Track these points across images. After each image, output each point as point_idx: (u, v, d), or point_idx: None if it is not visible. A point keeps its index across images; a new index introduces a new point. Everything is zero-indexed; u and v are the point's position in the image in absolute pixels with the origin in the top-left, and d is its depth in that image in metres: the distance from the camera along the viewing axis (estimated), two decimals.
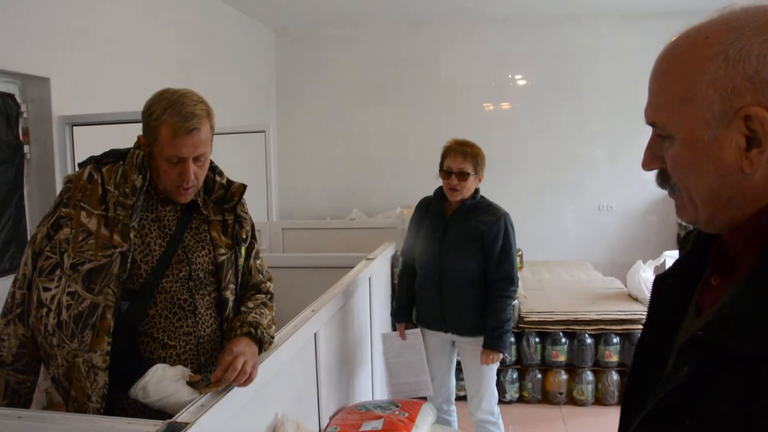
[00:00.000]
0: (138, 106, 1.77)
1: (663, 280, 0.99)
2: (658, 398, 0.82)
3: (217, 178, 1.91)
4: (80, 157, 2.22)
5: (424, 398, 3.23)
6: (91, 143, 3.09)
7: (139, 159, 1.73)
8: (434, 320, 3.18)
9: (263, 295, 1.99)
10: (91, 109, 3.59)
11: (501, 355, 3.07)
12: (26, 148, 3.44)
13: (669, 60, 0.84)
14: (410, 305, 3.32)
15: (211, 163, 1.87)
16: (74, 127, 3.48)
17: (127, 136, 1.82)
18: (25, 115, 3.42)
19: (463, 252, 3.06)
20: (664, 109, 0.84)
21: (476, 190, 3.12)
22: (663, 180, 0.91)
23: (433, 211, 3.18)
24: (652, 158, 0.90)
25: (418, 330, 3.26)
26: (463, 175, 3.01)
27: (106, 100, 3.76)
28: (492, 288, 3.06)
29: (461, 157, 3.02)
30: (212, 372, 1.74)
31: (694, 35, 0.81)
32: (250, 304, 1.91)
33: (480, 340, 3.09)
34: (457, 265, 3.06)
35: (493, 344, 3.02)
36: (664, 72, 0.85)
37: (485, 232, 3.03)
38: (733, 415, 0.72)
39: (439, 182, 3.20)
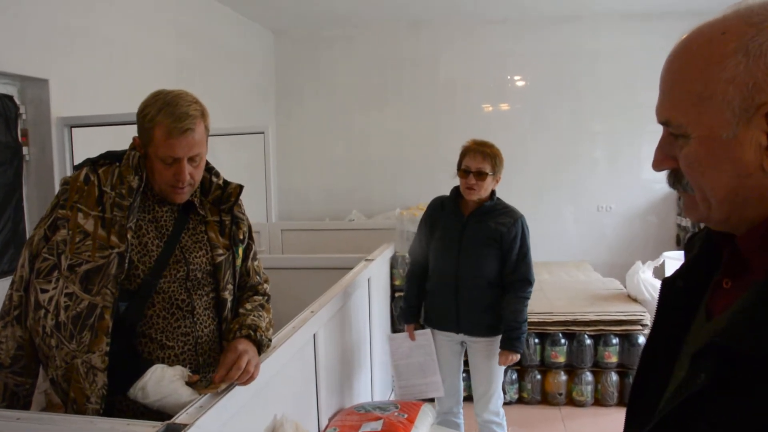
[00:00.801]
0: (137, 108, 1.77)
1: (671, 283, 0.98)
2: (673, 405, 0.80)
3: (214, 179, 1.91)
4: (79, 159, 2.22)
5: (433, 399, 3.22)
6: (90, 144, 3.09)
7: (135, 160, 1.74)
8: (447, 321, 3.16)
9: (261, 297, 1.99)
10: (90, 111, 3.60)
11: (518, 356, 3.07)
12: (25, 150, 3.44)
13: (684, 57, 0.82)
14: (419, 305, 3.30)
15: (207, 163, 1.87)
16: (73, 129, 3.49)
17: (126, 138, 1.83)
18: (24, 116, 3.43)
19: (481, 253, 3.05)
20: (679, 107, 0.82)
21: (493, 192, 3.12)
22: (675, 180, 0.88)
23: (448, 211, 3.16)
24: (664, 158, 0.88)
25: (428, 330, 3.24)
26: (480, 175, 3.00)
27: (104, 102, 3.76)
28: (509, 289, 3.06)
29: (480, 157, 3.01)
30: (211, 372, 1.74)
31: (710, 31, 0.80)
32: (248, 306, 1.91)
33: (492, 340, 3.10)
34: (475, 266, 3.06)
35: (511, 345, 3.02)
36: (679, 69, 0.82)
37: (504, 234, 3.03)
38: (748, 421, 0.71)
39: (449, 183, 3.19)
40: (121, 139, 2.01)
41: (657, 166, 0.90)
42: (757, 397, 0.70)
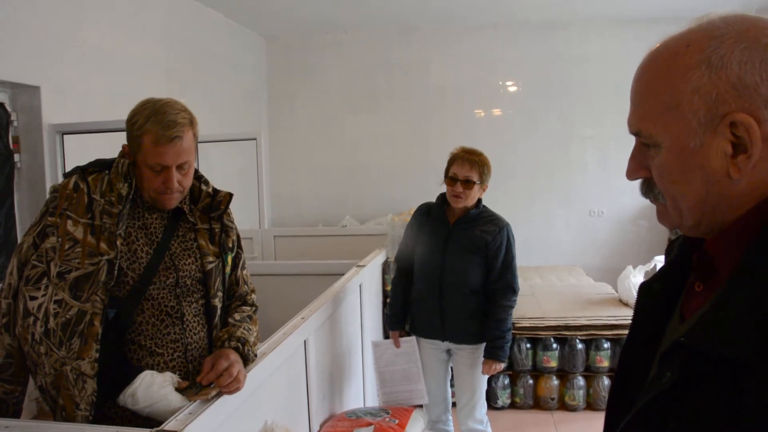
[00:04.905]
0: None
1: (648, 287, 1.00)
2: (642, 403, 0.83)
3: (203, 187, 1.92)
4: (70, 165, 2.23)
5: (421, 406, 3.22)
6: (81, 151, 3.10)
7: (124, 168, 1.75)
8: (432, 328, 3.14)
9: (249, 308, 2.00)
10: (81, 118, 3.60)
11: (503, 365, 3.06)
12: (17, 157, 3.44)
13: (652, 69, 0.85)
14: (405, 312, 3.27)
15: (196, 171, 1.89)
16: (64, 136, 3.49)
17: (117, 145, 1.84)
18: (15, 123, 3.43)
19: (466, 260, 3.04)
20: (649, 117, 0.85)
21: (479, 200, 3.12)
22: (647, 189, 0.91)
23: (434, 218, 3.15)
24: (637, 167, 0.91)
25: (413, 338, 3.23)
26: (468, 183, 2.99)
27: (95, 109, 3.76)
28: (493, 297, 3.05)
29: (468, 165, 3.00)
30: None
31: (675, 44, 0.83)
32: (237, 317, 1.92)
33: (477, 348, 3.09)
34: (459, 273, 3.04)
35: (494, 354, 3.01)
36: (648, 81, 0.85)
37: (489, 243, 3.02)
38: (716, 420, 0.73)
39: (438, 189, 3.19)
40: (113, 146, 2.02)
41: (630, 175, 0.93)
42: (721, 396, 0.73)
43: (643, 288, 1.01)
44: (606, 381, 4.38)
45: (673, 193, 0.86)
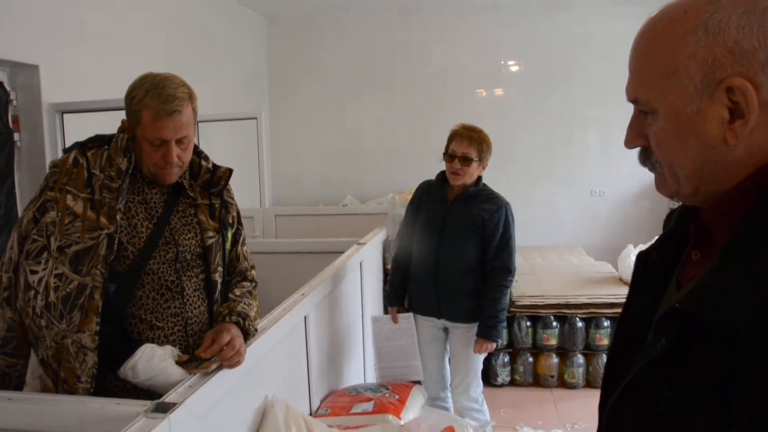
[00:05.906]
0: None
1: (646, 256, 1.00)
2: (637, 369, 0.83)
3: (203, 163, 1.93)
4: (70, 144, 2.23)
5: (418, 382, 3.24)
6: (81, 130, 3.08)
7: (123, 142, 1.75)
8: (428, 306, 3.15)
9: (249, 284, 2.01)
10: (81, 97, 3.59)
11: (495, 344, 3.05)
12: (16, 136, 3.44)
13: (649, 36, 0.85)
14: (403, 289, 3.28)
15: (196, 147, 1.89)
16: (64, 115, 3.48)
17: (116, 123, 1.84)
18: (14, 102, 3.42)
19: (462, 238, 3.03)
20: (646, 84, 0.85)
21: (479, 178, 3.10)
22: (645, 157, 0.91)
23: (434, 195, 3.15)
24: (635, 136, 0.91)
25: (410, 314, 3.23)
26: (466, 160, 2.97)
27: (95, 88, 3.75)
28: (489, 276, 3.04)
29: (467, 142, 2.98)
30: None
31: (673, 11, 0.83)
32: (237, 292, 1.93)
33: (473, 326, 3.08)
34: (456, 252, 3.04)
35: (487, 333, 3.00)
36: (645, 48, 0.86)
37: (486, 220, 3.00)
38: (710, 387, 0.73)
39: (438, 167, 3.19)
40: (112, 124, 2.01)
41: (628, 143, 0.93)
42: (715, 363, 0.73)
43: (641, 257, 1.01)
44: (605, 359, 4.39)
45: (671, 161, 0.86)
